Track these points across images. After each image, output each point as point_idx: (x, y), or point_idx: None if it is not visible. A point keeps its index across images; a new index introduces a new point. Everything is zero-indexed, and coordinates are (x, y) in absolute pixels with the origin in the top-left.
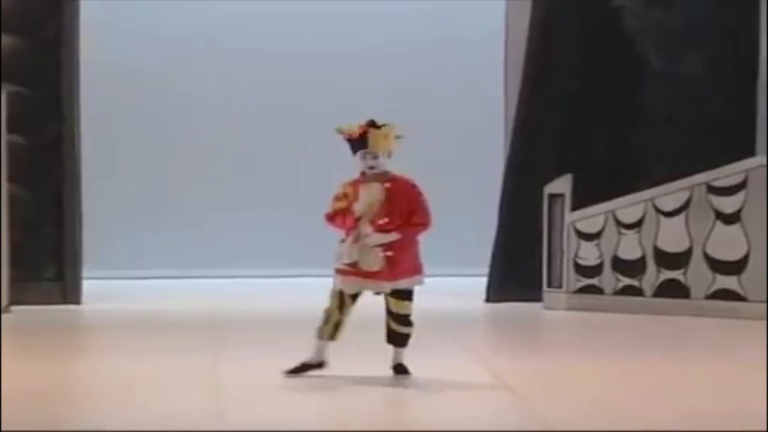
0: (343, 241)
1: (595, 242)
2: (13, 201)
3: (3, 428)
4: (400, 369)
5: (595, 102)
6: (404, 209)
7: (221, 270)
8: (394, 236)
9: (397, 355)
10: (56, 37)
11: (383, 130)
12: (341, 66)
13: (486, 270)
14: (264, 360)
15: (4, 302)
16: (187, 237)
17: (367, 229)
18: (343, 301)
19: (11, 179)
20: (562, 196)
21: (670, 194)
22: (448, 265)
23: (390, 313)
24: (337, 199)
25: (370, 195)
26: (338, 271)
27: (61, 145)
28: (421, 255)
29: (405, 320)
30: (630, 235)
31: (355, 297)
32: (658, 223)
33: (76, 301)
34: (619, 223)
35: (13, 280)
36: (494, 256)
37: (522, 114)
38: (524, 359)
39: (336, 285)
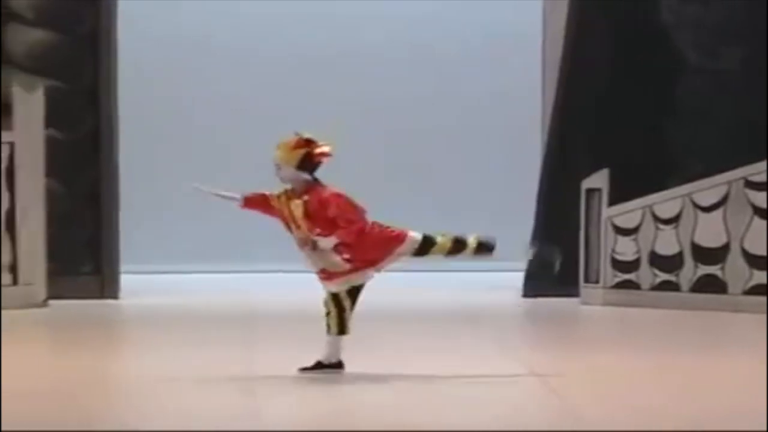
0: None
1: (632, 237)
2: (50, 196)
3: (35, 424)
4: None
5: (631, 97)
6: (328, 219)
7: (257, 264)
8: (334, 239)
9: None
10: (93, 32)
11: (283, 141)
12: (377, 65)
13: (523, 265)
14: (299, 354)
15: (42, 296)
16: (224, 232)
17: (309, 234)
18: (339, 298)
19: (49, 174)
20: (599, 191)
21: (707, 189)
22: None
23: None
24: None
25: (293, 210)
26: (322, 277)
27: (98, 140)
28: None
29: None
30: (667, 230)
31: (351, 292)
32: (695, 218)
33: (114, 295)
34: (657, 218)
35: (51, 275)
36: None
37: (559, 109)
38: (561, 355)
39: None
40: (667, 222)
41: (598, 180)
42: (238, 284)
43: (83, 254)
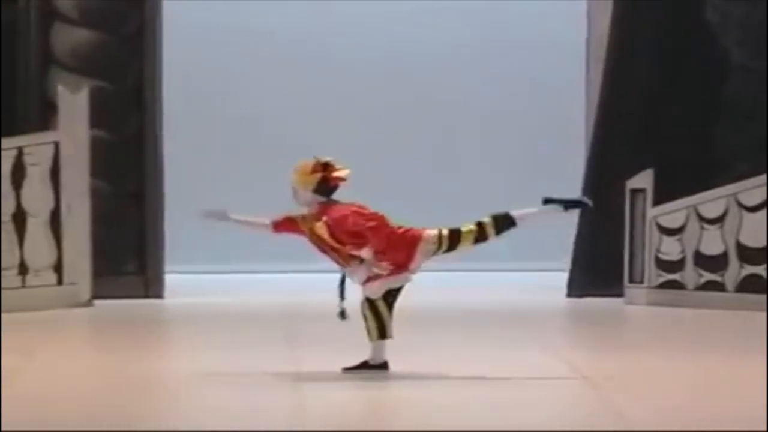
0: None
1: (677, 237)
2: (95, 195)
3: (79, 424)
4: None
5: (676, 97)
6: (352, 233)
7: (300, 264)
8: (371, 248)
9: None
10: (138, 32)
11: (299, 165)
12: (425, 62)
13: (567, 265)
14: (342, 354)
15: (86, 296)
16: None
17: (346, 250)
18: (375, 304)
19: (94, 173)
20: (643, 191)
21: (752, 189)
22: (529, 260)
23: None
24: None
25: (318, 231)
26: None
27: (143, 140)
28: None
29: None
30: (712, 230)
31: (386, 298)
32: (740, 218)
33: (158, 295)
34: (702, 218)
35: (95, 274)
36: (576, 251)
37: (603, 109)
38: (604, 355)
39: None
40: (712, 222)
41: (643, 180)
42: (282, 284)
43: (128, 254)
